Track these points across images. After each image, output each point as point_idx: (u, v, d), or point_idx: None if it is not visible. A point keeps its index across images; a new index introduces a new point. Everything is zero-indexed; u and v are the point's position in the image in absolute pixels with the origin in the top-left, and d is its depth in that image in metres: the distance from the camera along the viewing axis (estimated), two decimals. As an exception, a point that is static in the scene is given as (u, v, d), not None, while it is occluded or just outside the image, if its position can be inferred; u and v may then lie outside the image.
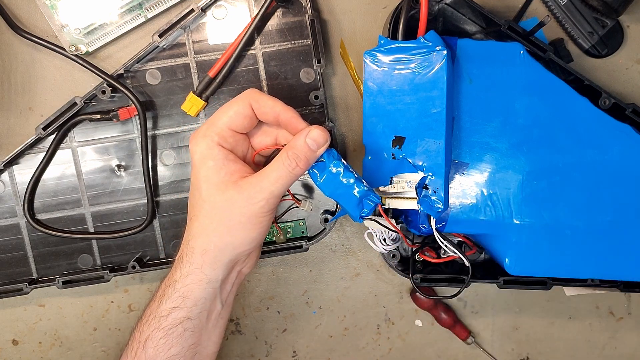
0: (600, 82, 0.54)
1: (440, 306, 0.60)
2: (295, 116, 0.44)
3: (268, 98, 0.44)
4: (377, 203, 0.45)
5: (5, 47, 0.56)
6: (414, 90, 0.46)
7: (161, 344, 0.44)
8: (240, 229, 0.44)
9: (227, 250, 0.45)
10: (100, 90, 0.53)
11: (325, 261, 0.60)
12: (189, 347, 0.45)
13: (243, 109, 0.44)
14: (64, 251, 0.56)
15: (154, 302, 0.46)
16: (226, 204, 0.43)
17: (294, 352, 0.62)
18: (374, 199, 0.45)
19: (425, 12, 0.46)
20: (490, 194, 0.49)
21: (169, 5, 0.54)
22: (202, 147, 0.44)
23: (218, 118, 0.44)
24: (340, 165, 0.44)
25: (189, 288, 0.45)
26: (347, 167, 0.45)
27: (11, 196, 0.55)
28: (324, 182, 0.45)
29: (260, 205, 0.43)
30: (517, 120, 0.48)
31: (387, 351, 0.62)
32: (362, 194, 0.44)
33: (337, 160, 0.44)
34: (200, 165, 0.44)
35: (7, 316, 0.60)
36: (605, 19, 0.54)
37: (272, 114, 0.44)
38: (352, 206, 0.45)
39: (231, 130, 0.45)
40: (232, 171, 0.44)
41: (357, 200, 0.44)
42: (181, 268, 0.45)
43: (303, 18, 0.53)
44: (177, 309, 0.45)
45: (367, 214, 0.45)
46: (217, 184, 0.43)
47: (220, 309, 0.47)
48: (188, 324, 0.45)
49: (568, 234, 0.49)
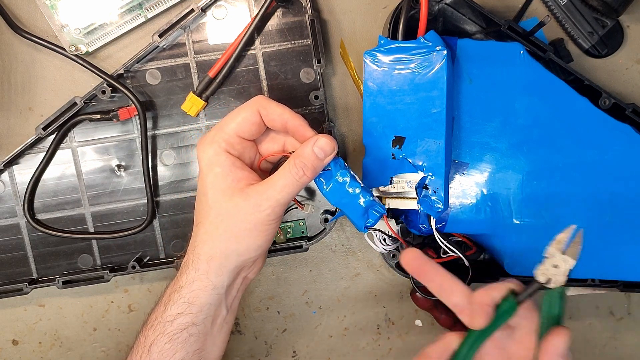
0: (600, 82, 0.54)
1: (440, 306, 0.60)
2: (303, 124, 0.44)
3: (276, 105, 0.44)
4: (382, 214, 0.45)
5: (5, 47, 0.56)
6: (414, 90, 0.46)
7: (166, 348, 0.45)
8: (246, 237, 0.44)
9: (232, 257, 0.45)
10: (100, 90, 0.53)
11: (325, 261, 0.60)
12: (194, 352, 0.46)
13: (251, 116, 0.44)
14: (64, 251, 0.56)
15: (160, 307, 0.46)
16: (232, 210, 0.43)
17: (294, 352, 0.62)
18: (380, 209, 0.45)
19: (425, 12, 0.46)
20: (490, 193, 0.49)
21: (169, 5, 0.54)
22: (210, 153, 0.44)
23: (226, 124, 0.45)
24: (346, 175, 0.44)
25: (195, 294, 0.45)
26: (354, 176, 0.44)
27: (11, 196, 0.55)
28: (330, 191, 0.45)
29: (267, 213, 0.43)
30: (517, 120, 0.48)
31: (387, 351, 0.62)
32: (368, 204, 0.44)
33: (344, 169, 0.44)
34: (207, 172, 0.44)
35: (7, 316, 0.60)
36: (605, 19, 0.54)
37: (280, 121, 0.44)
38: (357, 216, 0.45)
39: (239, 137, 0.45)
40: (239, 178, 0.44)
41: (363, 210, 0.44)
42: (187, 274, 0.45)
43: (303, 18, 0.53)
44: (183, 314, 0.45)
45: (372, 224, 0.45)
46: (223, 190, 0.44)
47: (225, 314, 0.47)
48: (193, 329, 0.45)
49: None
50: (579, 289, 0.55)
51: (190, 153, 0.56)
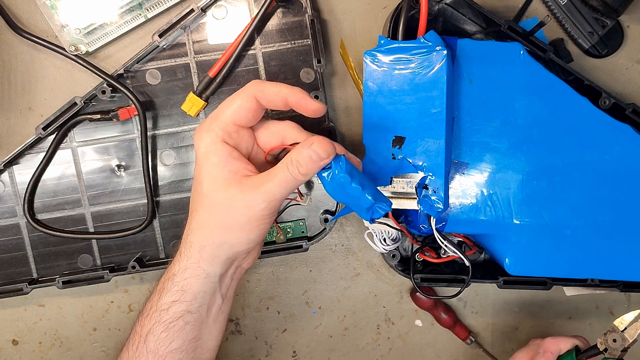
0: (600, 82, 0.54)
1: (440, 306, 0.60)
2: (304, 96, 0.43)
3: (271, 85, 0.44)
4: (387, 211, 0.44)
5: (5, 47, 0.56)
6: (414, 90, 0.46)
7: (162, 337, 0.44)
8: (238, 229, 0.44)
9: (224, 247, 0.44)
10: (100, 90, 0.53)
11: (325, 261, 0.60)
12: (190, 341, 0.45)
13: (247, 103, 0.44)
14: (64, 251, 0.56)
15: (154, 296, 0.46)
16: (227, 202, 0.43)
17: (294, 352, 0.62)
18: (385, 206, 0.43)
19: (425, 12, 0.46)
20: (490, 194, 0.49)
21: (169, 5, 0.54)
22: (207, 141, 0.44)
23: (222, 112, 0.44)
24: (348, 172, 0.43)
25: (188, 282, 0.45)
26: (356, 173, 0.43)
27: (11, 196, 0.55)
28: (333, 188, 0.44)
29: (261, 208, 0.43)
30: (517, 120, 0.48)
31: (387, 351, 0.62)
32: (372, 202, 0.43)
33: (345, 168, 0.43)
34: (203, 160, 0.44)
35: (7, 316, 0.60)
36: (605, 19, 0.54)
37: (280, 99, 0.43)
38: (362, 212, 0.44)
39: (235, 125, 0.44)
40: (236, 169, 0.43)
41: (368, 207, 0.44)
42: (179, 262, 0.45)
43: (303, 18, 0.53)
44: (177, 302, 0.45)
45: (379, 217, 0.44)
46: (219, 180, 0.43)
47: (221, 302, 0.47)
48: (189, 317, 0.45)
49: (568, 234, 0.49)
50: (579, 289, 0.55)
51: (190, 153, 0.56)
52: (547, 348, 0.49)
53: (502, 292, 0.60)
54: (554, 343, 0.50)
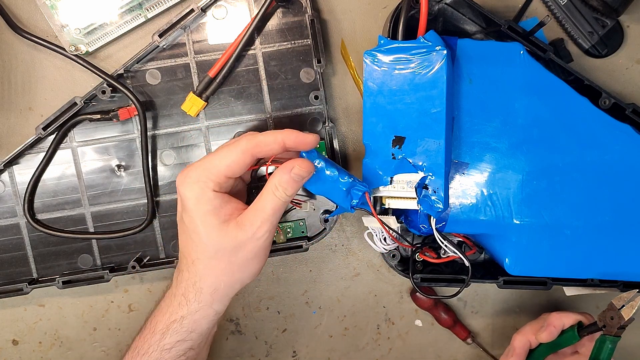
0: (600, 82, 0.54)
1: (440, 306, 0.60)
2: (298, 133, 0.44)
3: (265, 135, 0.44)
4: (364, 191, 0.46)
5: (5, 47, 0.56)
6: (413, 90, 0.46)
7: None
8: (249, 265, 0.46)
9: (236, 285, 0.47)
10: (100, 90, 0.53)
11: (325, 261, 0.60)
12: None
13: (243, 159, 0.44)
14: (64, 251, 0.56)
15: (154, 336, 0.47)
16: (232, 244, 0.44)
17: (294, 352, 0.62)
18: (361, 187, 0.46)
19: (425, 12, 0.46)
20: (490, 194, 0.49)
21: (169, 5, 0.54)
22: (196, 192, 0.44)
23: (212, 164, 0.44)
24: (321, 162, 0.45)
25: (198, 323, 0.46)
26: (328, 161, 0.45)
27: (11, 196, 0.55)
28: (310, 181, 0.46)
29: (265, 238, 0.45)
30: (517, 120, 0.48)
31: (387, 351, 0.62)
32: (349, 185, 0.45)
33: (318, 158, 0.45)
34: (195, 210, 0.44)
35: (7, 316, 0.60)
36: (605, 19, 0.54)
37: (277, 146, 0.44)
38: (341, 198, 0.46)
39: (227, 177, 0.45)
40: (230, 212, 0.45)
41: (345, 192, 0.45)
42: (188, 306, 0.46)
43: (303, 18, 0.53)
44: (182, 341, 0.46)
45: (358, 203, 0.46)
46: (217, 226, 0.44)
47: (216, 328, 0.50)
48: (190, 352, 0.47)
49: (568, 234, 0.49)
50: (579, 288, 0.55)
51: (190, 153, 0.56)
52: (551, 322, 0.52)
53: (502, 292, 0.60)
54: (558, 318, 0.52)
